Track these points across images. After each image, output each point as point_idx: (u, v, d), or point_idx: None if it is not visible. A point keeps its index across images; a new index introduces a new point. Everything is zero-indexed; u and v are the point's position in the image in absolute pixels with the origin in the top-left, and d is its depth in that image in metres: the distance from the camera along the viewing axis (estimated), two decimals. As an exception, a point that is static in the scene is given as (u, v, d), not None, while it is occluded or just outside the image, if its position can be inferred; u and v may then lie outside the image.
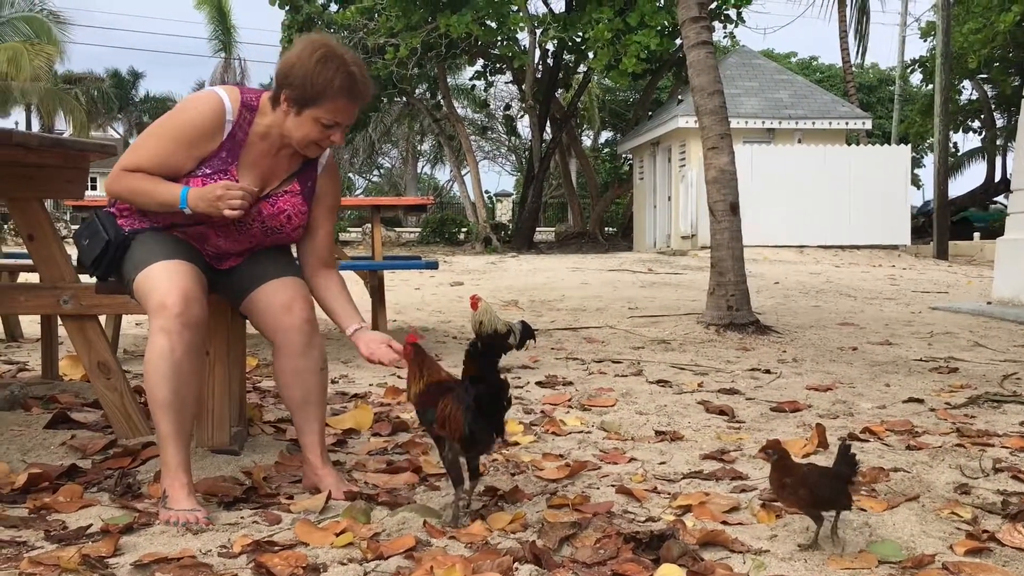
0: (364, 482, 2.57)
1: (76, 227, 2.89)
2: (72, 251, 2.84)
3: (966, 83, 27.18)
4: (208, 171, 2.42)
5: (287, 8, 22.07)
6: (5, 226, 17.44)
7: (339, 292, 2.57)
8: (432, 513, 2.26)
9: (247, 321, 2.82)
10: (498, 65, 23.50)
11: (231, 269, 2.57)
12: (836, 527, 2.11)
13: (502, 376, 2.15)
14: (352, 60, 2.39)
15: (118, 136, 43.04)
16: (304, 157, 2.52)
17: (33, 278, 3.24)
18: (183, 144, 2.40)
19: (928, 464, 2.82)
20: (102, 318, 3.27)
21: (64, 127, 31.64)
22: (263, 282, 2.53)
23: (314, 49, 2.35)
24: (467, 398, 2.13)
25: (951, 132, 23.92)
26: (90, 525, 2.15)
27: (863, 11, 29.91)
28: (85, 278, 2.84)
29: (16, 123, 36.16)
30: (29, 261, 3.43)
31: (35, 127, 32.65)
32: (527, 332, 2.28)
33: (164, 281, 2.30)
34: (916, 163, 33.21)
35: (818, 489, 2.07)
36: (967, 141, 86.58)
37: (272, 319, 2.51)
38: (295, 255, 2.68)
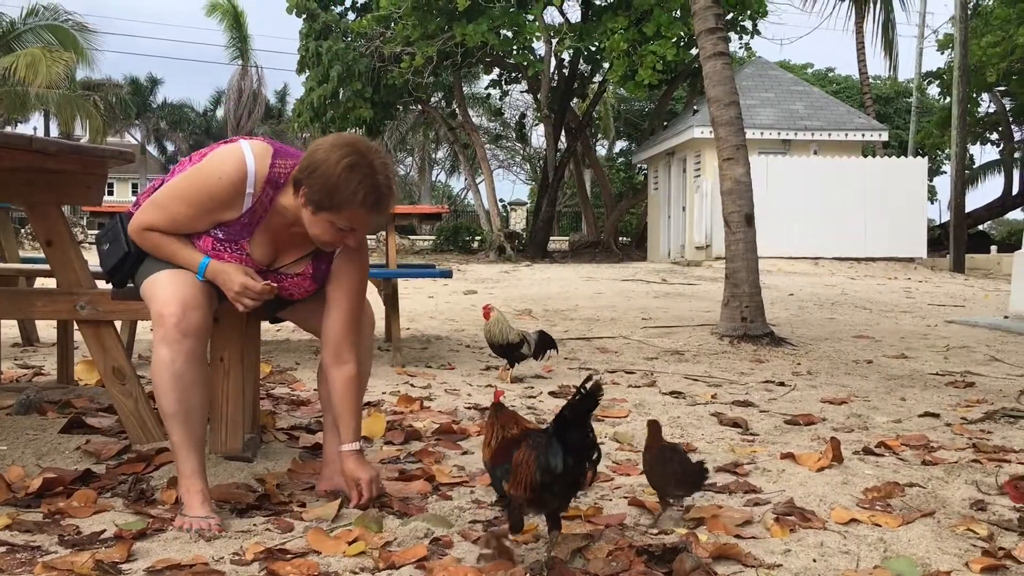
0: (376, 491, 2.57)
1: (95, 232, 2.90)
2: (90, 254, 2.86)
3: (984, 95, 27.03)
4: (221, 236, 2.37)
5: (304, 16, 22.21)
6: (23, 231, 17.58)
7: (342, 397, 2.42)
8: (444, 523, 2.26)
9: (262, 326, 2.83)
10: (513, 74, 23.57)
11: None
12: (660, 514, 2.31)
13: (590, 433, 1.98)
14: (380, 167, 2.25)
15: (135, 142, 43.33)
16: None
17: (50, 283, 3.26)
18: (202, 211, 2.34)
19: (944, 480, 2.80)
20: (118, 324, 3.28)
21: (81, 133, 31.84)
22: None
23: (343, 155, 2.21)
24: (548, 442, 1.97)
25: (968, 144, 23.77)
26: (104, 530, 2.16)
27: (887, 24, 29.82)
28: (102, 283, 2.85)
29: (35, 129, 36.49)
30: (46, 266, 3.44)
31: (53, 133, 32.86)
32: (547, 342, 2.27)
33: (164, 290, 2.29)
34: (934, 173, 33.04)
35: (649, 471, 2.31)
36: (984, 154, 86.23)
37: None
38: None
